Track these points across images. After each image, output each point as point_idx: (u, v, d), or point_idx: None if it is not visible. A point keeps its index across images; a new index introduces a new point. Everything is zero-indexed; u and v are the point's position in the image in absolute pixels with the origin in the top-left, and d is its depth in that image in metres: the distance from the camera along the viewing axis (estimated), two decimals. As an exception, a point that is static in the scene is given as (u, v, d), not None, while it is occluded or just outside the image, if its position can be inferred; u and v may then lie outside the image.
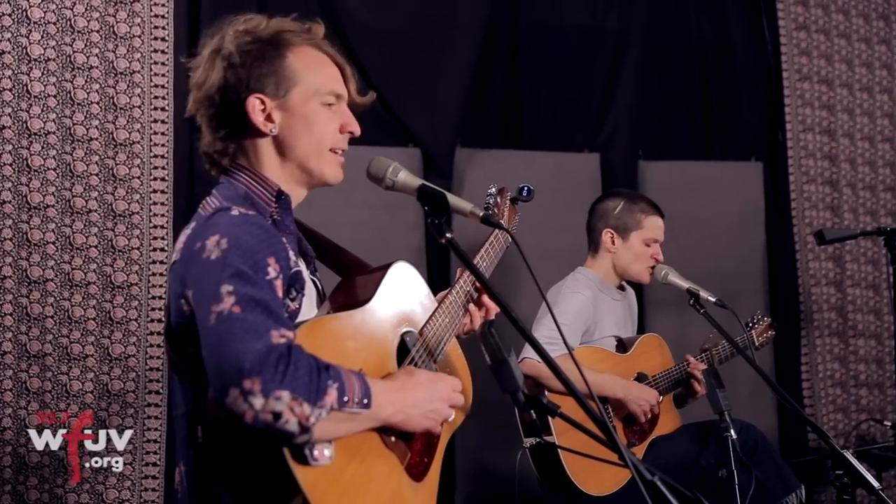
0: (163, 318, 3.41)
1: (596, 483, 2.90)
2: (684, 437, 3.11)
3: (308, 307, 1.72)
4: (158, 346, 3.40)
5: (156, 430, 3.38)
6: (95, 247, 3.36)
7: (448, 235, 1.79)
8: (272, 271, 1.56)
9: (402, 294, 1.84)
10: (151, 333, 3.41)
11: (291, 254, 1.67)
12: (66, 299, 3.30)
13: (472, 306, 1.99)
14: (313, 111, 1.77)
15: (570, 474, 2.87)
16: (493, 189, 2.28)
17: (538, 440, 2.87)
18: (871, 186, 4.85)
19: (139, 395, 3.37)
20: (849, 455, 2.55)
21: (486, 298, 1.99)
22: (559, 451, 2.83)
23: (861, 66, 4.86)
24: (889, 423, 4.03)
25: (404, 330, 1.81)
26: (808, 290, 4.65)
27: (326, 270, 1.97)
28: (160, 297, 3.43)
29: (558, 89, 4.25)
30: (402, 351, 1.79)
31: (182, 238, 1.69)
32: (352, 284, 1.85)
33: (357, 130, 1.83)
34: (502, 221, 2.24)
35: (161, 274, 3.43)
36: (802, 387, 4.59)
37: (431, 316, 1.88)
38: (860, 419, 4.69)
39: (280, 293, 1.58)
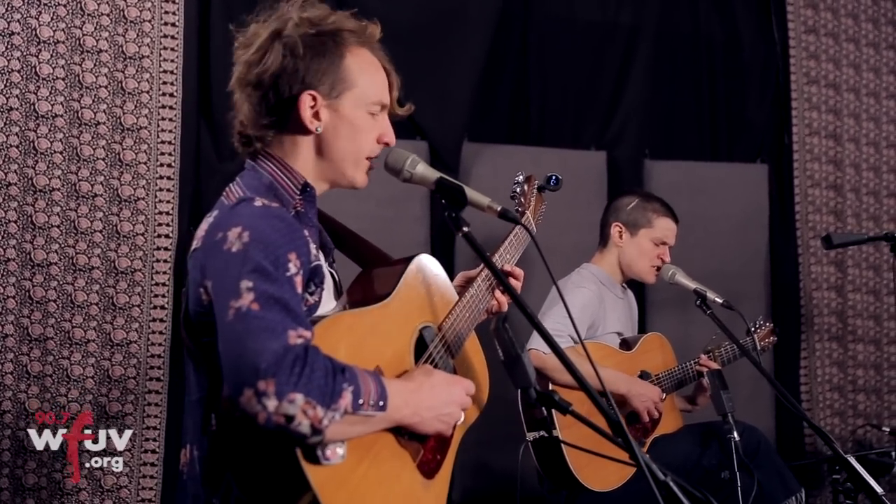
0: (165, 305, 3.41)
1: (599, 478, 2.90)
2: (686, 437, 3.12)
3: (326, 299, 1.71)
4: (160, 332, 3.39)
5: (155, 416, 3.37)
6: (100, 231, 3.34)
7: (465, 229, 1.79)
8: (293, 267, 1.55)
9: (423, 288, 1.83)
10: (154, 320, 3.39)
11: (313, 247, 1.66)
12: (69, 283, 3.28)
13: (498, 293, 2.01)
14: (360, 118, 1.76)
15: (572, 469, 2.86)
16: (521, 177, 2.27)
17: (541, 434, 2.86)
18: (874, 192, 4.86)
19: (140, 382, 3.36)
20: (853, 460, 2.56)
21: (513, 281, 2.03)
22: (563, 445, 2.82)
23: (869, 70, 4.86)
24: (887, 429, 4.04)
25: (423, 325, 1.80)
26: (809, 294, 4.65)
27: (345, 260, 1.96)
28: (163, 284, 3.41)
29: (567, 85, 4.24)
30: (421, 346, 1.78)
31: (203, 226, 1.67)
32: (371, 277, 1.84)
33: (393, 142, 1.83)
34: (528, 211, 2.24)
35: (165, 261, 3.42)
36: (801, 390, 4.59)
37: (451, 310, 1.87)
38: (857, 424, 4.70)
39: (300, 289, 1.57)
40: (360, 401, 1.49)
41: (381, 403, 1.53)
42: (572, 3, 4.26)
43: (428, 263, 1.87)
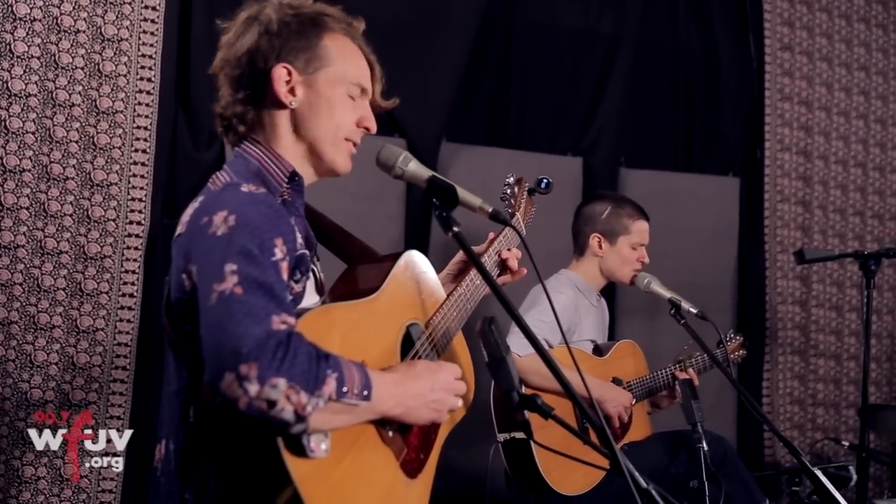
0: (135, 293, 3.35)
1: (567, 482, 2.91)
2: (655, 444, 3.13)
3: (309, 293, 1.69)
4: (128, 320, 3.33)
5: (120, 406, 3.31)
6: (70, 215, 3.27)
7: (455, 229, 1.78)
8: (279, 252, 1.53)
9: (412, 285, 1.82)
10: (122, 307, 3.33)
11: (299, 236, 1.64)
12: (36, 267, 3.21)
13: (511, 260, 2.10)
14: (337, 96, 1.75)
15: (542, 472, 2.87)
16: (511, 179, 2.26)
17: (512, 435, 2.86)
18: (841, 210, 4.94)
19: (105, 370, 3.29)
20: (819, 473, 2.59)
21: (511, 262, 2.08)
22: (533, 448, 2.82)
23: (840, 90, 4.94)
24: (846, 443, 4.11)
25: (410, 322, 1.78)
26: (774, 308, 4.72)
27: (328, 259, 1.93)
28: (133, 272, 3.35)
29: (547, 90, 4.25)
30: (408, 343, 1.77)
31: (188, 211, 1.64)
32: (359, 273, 1.82)
33: (374, 128, 1.81)
34: (518, 213, 2.23)
35: (136, 248, 3.36)
36: (763, 402, 4.65)
37: (439, 308, 1.85)
38: (815, 437, 4.78)
39: (285, 275, 1.54)
40: (345, 388, 1.46)
41: (365, 392, 1.51)
42: (554, 10, 4.27)
43: (417, 260, 1.86)
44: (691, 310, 3.03)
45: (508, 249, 2.11)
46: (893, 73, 5.09)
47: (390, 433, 1.67)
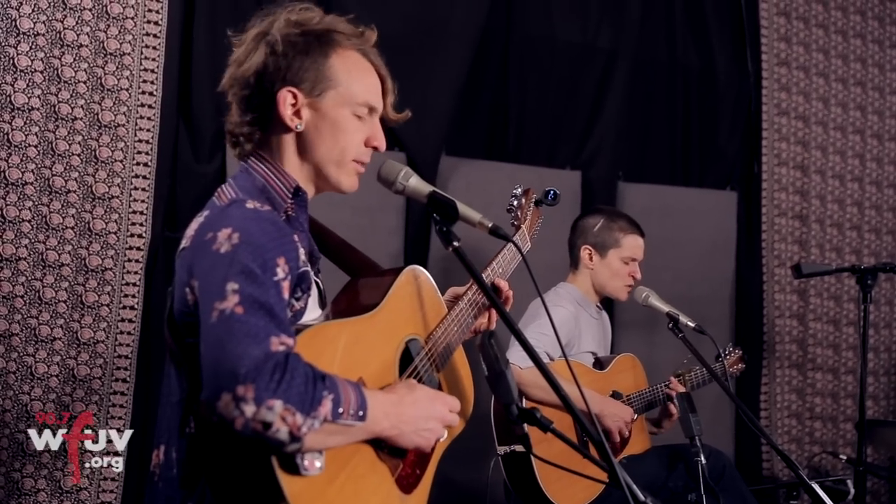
0: (135, 305, 3.36)
1: (567, 496, 2.92)
2: (654, 458, 3.14)
3: (311, 308, 1.70)
4: (129, 333, 3.35)
5: (120, 418, 3.32)
6: (72, 228, 3.28)
7: (455, 244, 1.80)
8: (281, 272, 1.54)
9: (412, 300, 1.83)
10: (122, 320, 3.34)
11: (302, 252, 1.65)
12: (37, 279, 3.22)
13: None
14: (343, 118, 1.74)
15: (542, 485, 2.88)
16: (519, 190, 2.28)
17: (512, 449, 2.87)
18: (838, 224, 4.96)
19: (105, 382, 3.30)
20: (817, 487, 2.60)
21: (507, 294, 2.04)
22: (533, 461, 2.83)
23: (836, 105, 4.97)
24: (844, 457, 4.11)
25: (410, 337, 1.79)
26: (772, 322, 4.73)
27: (332, 269, 1.95)
28: (134, 284, 3.37)
29: (546, 104, 4.27)
30: (407, 358, 1.78)
31: (193, 225, 1.66)
32: (360, 287, 1.84)
33: (382, 147, 1.81)
34: (524, 225, 2.25)
35: (137, 260, 3.37)
36: (760, 416, 4.67)
37: (439, 324, 1.86)
38: (813, 451, 4.78)
39: (286, 294, 1.56)
40: (340, 409, 1.48)
41: (360, 413, 1.52)
42: (553, 25, 4.30)
43: (419, 275, 1.87)
44: (689, 323, 3.04)
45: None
46: (889, 89, 5.13)
47: (386, 450, 1.68)
